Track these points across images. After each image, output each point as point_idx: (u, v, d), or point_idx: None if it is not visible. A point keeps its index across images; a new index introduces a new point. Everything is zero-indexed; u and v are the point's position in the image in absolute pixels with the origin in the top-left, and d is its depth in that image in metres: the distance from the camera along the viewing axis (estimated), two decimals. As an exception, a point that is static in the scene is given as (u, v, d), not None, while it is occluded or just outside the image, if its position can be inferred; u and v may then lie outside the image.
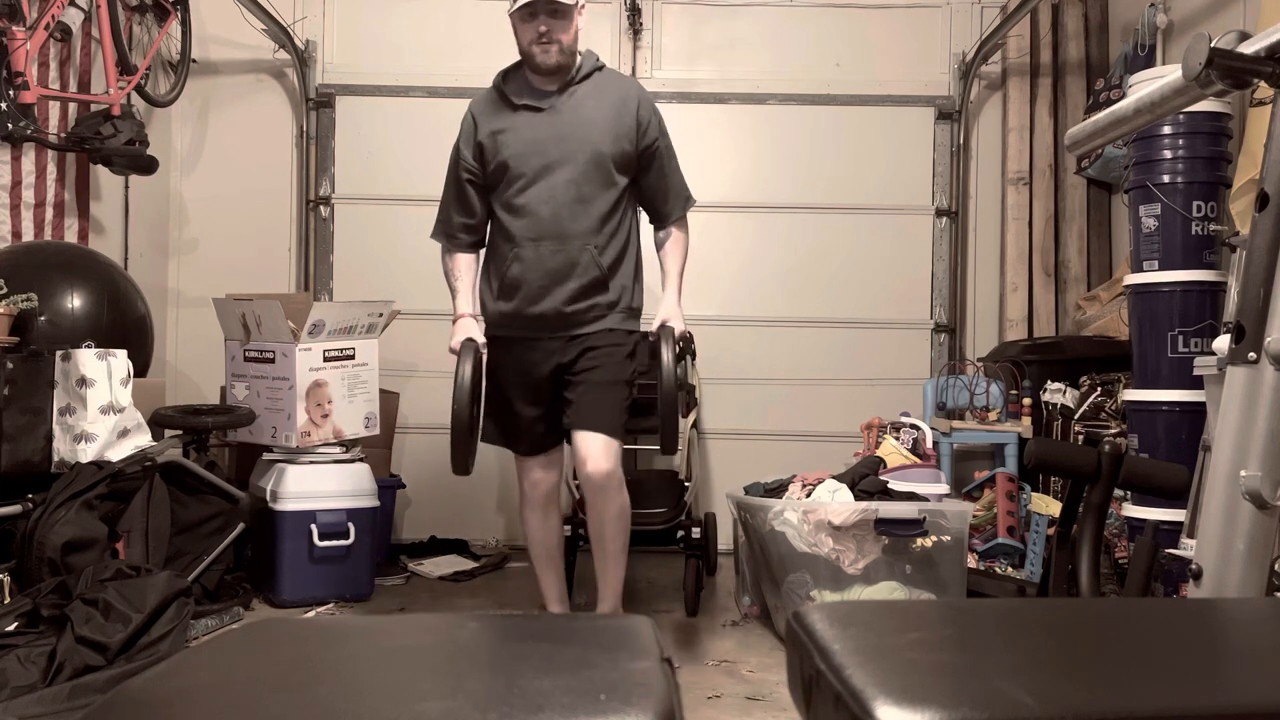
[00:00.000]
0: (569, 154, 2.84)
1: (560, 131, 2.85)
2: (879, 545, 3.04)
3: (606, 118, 2.87)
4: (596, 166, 2.85)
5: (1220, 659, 0.88)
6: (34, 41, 3.36)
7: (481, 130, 2.92)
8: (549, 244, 2.83)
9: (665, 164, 2.98)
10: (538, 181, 2.84)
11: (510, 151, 2.86)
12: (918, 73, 4.83)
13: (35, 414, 3.09)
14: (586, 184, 2.84)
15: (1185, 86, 1.36)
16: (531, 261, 2.84)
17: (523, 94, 2.90)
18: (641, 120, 2.91)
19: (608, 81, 2.96)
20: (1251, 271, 1.29)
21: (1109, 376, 3.81)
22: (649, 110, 2.94)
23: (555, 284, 2.84)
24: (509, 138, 2.88)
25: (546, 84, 2.90)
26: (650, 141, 2.93)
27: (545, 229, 2.83)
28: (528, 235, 2.85)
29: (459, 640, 0.97)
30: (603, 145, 2.85)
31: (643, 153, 2.93)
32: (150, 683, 0.87)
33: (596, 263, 2.85)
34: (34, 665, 2.49)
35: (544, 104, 2.88)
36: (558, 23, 2.80)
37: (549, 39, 2.80)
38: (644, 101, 2.94)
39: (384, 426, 4.12)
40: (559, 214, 2.83)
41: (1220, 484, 1.30)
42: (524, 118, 2.89)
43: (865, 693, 0.73)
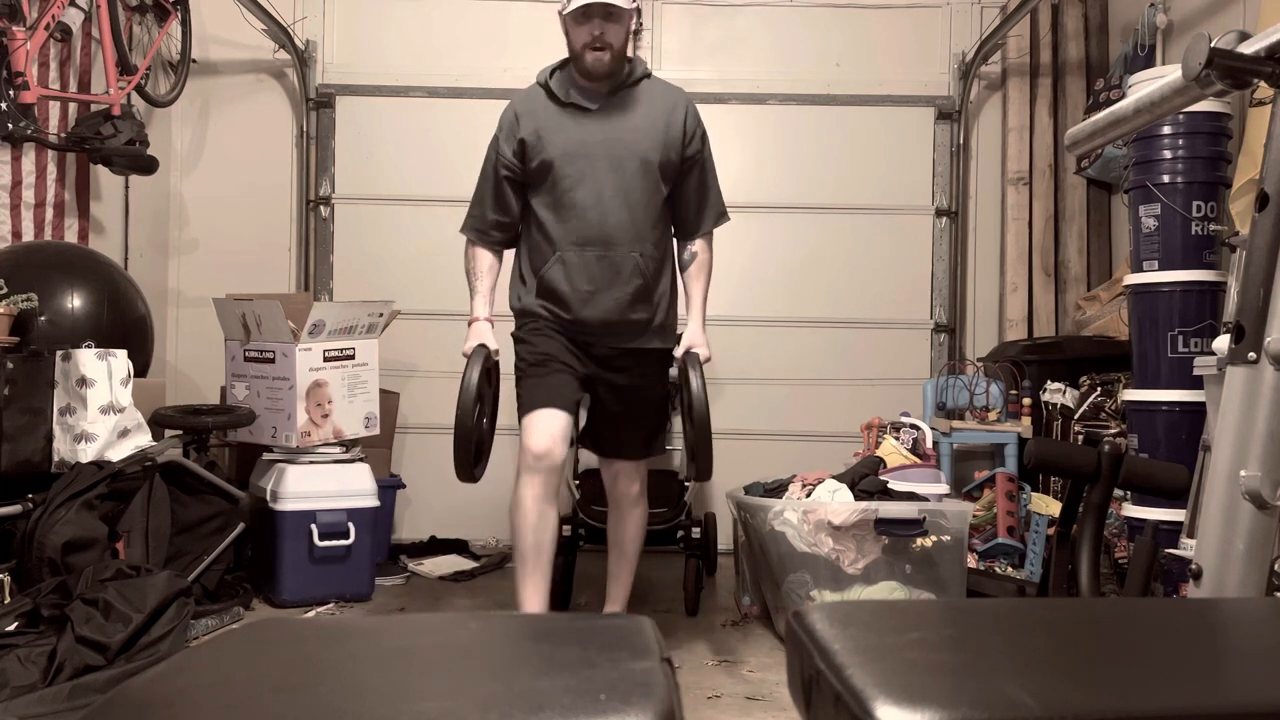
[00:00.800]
0: (617, 158, 2.78)
1: (608, 135, 2.80)
2: (879, 545, 3.04)
3: (655, 125, 2.83)
4: (644, 173, 2.79)
5: (1220, 659, 0.88)
6: (34, 41, 3.36)
7: (524, 126, 2.83)
8: (594, 249, 2.77)
9: (706, 176, 2.93)
10: (583, 183, 2.77)
11: (556, 150, 2.79)
12: (918, 73, 4.83)
13: (35, 414, 3.09)
14: (634, 190, 2.79)
15: (1185, 86, 1.36)
16: (576, 266, 2.78)
17: (570, 94, 2.84)
18: (688, 130, 2.86)
19: (656, 89, 2.91)
20: (1251, 271, 1.29)
21: (1109, 376, 3.81)
22: (695, 120, 2.90)
23: (599, 290, 2.79)
24: (555, 136, 2.80)
25: (595, 86, 2.84)
26: (695, 151, 2.88)
27: (591, 233, 2.77)
28: (571, 239, 2.78)
29: (459, 640, 0.97)
30: (651, 152, 2.80)
31: (685, 160, 2.87)
32: (150, 683, 0.87)
33: (641, 270, 2.80)
34: (34, 665, 2.49)
35: (593, 104, 2.82)
36: (612, 27, 2.73)
37: (602, 43, 2.73)
38: (691, 111, 2.90)
39: (384, 426, 4.12)
40: (605, 219, 2.77)
41: (1220, 484, 1.30)
42: (571, 117, 2.82)
43: (865, 693, 0.73)
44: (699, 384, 2.69)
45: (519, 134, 2.83)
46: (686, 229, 2.96)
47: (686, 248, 2.97)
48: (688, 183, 2.90)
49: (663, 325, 2.91)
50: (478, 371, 2.67)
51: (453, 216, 3.48)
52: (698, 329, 2.91)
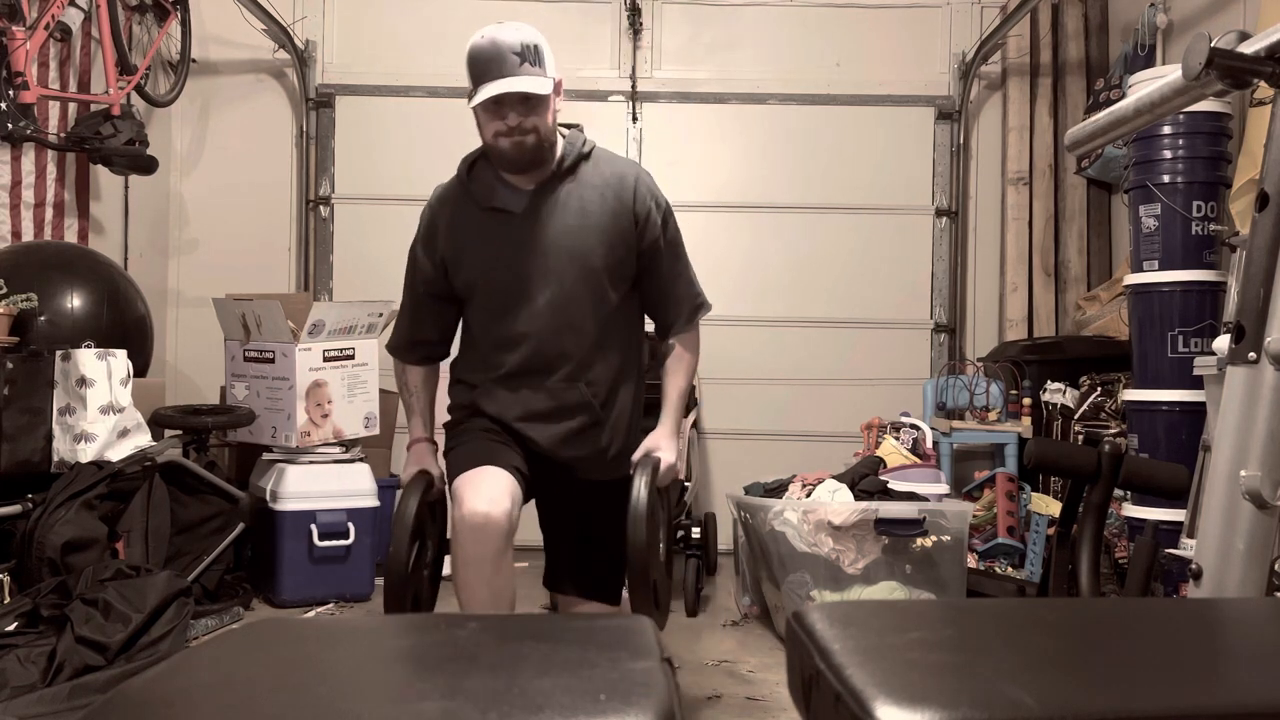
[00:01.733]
0: (552, 271, 2.26)
1: (540, 243, 2.27)
2: (879, 545, 3.04)
3: (598, 220, 2.28)
4: (586, 284, 2.28)
5: (1220, 659, 0.88)
6: (34, 41, 3.36)
7: (443, 239, 2.35)
8: (530, 382, 2.29)
9: (670, 265, 2.38)
10: (514, 309, 2.29)
11: (477, 270, 2.31)
12: (917, 73, 4.83)
13: (35, 414, 3.09)
14: (574, 306, 2.27)
15: (1185, 86, 1.36)
16: (508, 402, 2.31)
17: (492, 194, 2.30)
18: (639, 214, 2.30)
19: (598, 170, 2.33)
20: (1251, 271, 1.29)
21: (1109, 376, 3.81)
22: (649, 200, 2.32)
23: (540, 421, 2.30)
24: (477, 252, 2.32)
25: (521, 181, 2.29)
26: (653, 239, 2.32)
27: (525, 367, 2.29)
28: (502, 371, 2.31)
29: (459, 640, 0.97)
30: (593, 257, 2.27)
31: (643, 253, 2.33)
32: (150, 683, 0.87)
33: (586, 402, 2.30)
34: (34, 665, 2.49)
35: (517, 206, 2.29)
36: (531, 109, 2.18)
37: (520, 130, 2.18)
38: (642, 190, 2.32)
39: (384, 426, 4.12)
40: (542, 350, 2.28)
41: (1220, 484, 1.30)
42: (494, 225, 2.30)
43: (865, 693, 0.73)
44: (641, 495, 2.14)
45: (438, 248, 2.37)
46: (661, 328, 2.45)
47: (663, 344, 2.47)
48: (653, 276, 2.37)
49: (620, 455, 2.35)
50: (415, 503, 2.17)
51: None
52: (666, 430, 2.35)
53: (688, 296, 2.41)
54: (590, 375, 2.31)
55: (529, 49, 2.16)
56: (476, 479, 2.18)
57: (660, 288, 2.39)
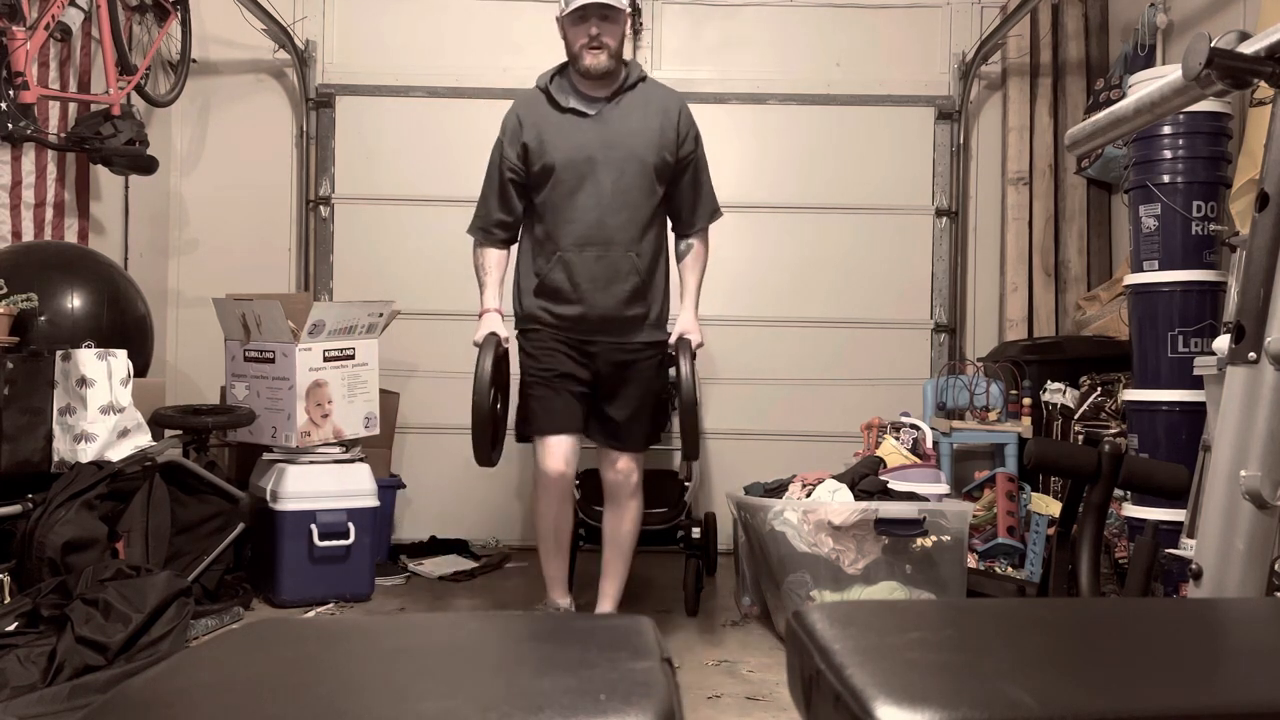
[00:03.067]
0: (615, 161, 2.90)
1: (607, 139, 2.92)
2: (879, 545, 3.04)
3: (651, 128, 2.95)
4: (641, 175, 2.92)
5: (1220, 659, 0.88)
6: (34, 41, 3.36)
7: (527, 131, 2.96)
8: (594, 250, 2.91)
9: (699, 175, 3.07)
10: (584, 186, 2.90)
11: (557, 155, 2.92)
12: (918, 73, 4.83)
13: (35, 414, 3.09)
14: (632, 191, 2.92)
15: (1185, 86, 1.36)
16: (576, 266, 2.91)
17: (569, 98, 2.96)
18: (682, 131, 3.00)
19: (652, 92, 3.03)
20: (1251, 271, 1.29)
21: (1109, 376, 3.81)
22: (689, 122, 3.03)
23: (600, 289, 2.92)
24: (556, 141, 2.93)
25: (594, 90, 2.96)
26: (689, 152, 3.02)
27: (591, 235, 2.90)
28: (572, 240, 2.91)
29: (459, 640, 0.97)
30: (647, 155, 2.93)
31: (680, 161, 3.01)
32: (150, 683, 0.87)
33: (637, 269, 2.94)
34: (34, 665, 2.49)
35: (591, 109, 2.94)
36: (608, 26, 2.86)
37: (599, 43, 2.85)
38: (685, 113, 3.03)
39: (384, 426, 4.12)
40: (604, 220, 2.90)
41: (1220, 484, 1.29)
42: (571, 122, 2.94)
43: (865, 693, 0.73)
44: (689, 369, 2.87)
45: (522, 138, 2.96)
46: (682, 226, 3.11)
47: (682, 241, 3.13)
48: (682, 182, 3.04)
49: (658, 320, 3.04)
50: (490, 359, 2.80)
51: (453, 216, 3.49)
52: (690, 317, 3.05)
53: (709, 200, 3.12)
54: (639, 248, 2.94)
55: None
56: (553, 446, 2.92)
57: (690, 190, 3.06)
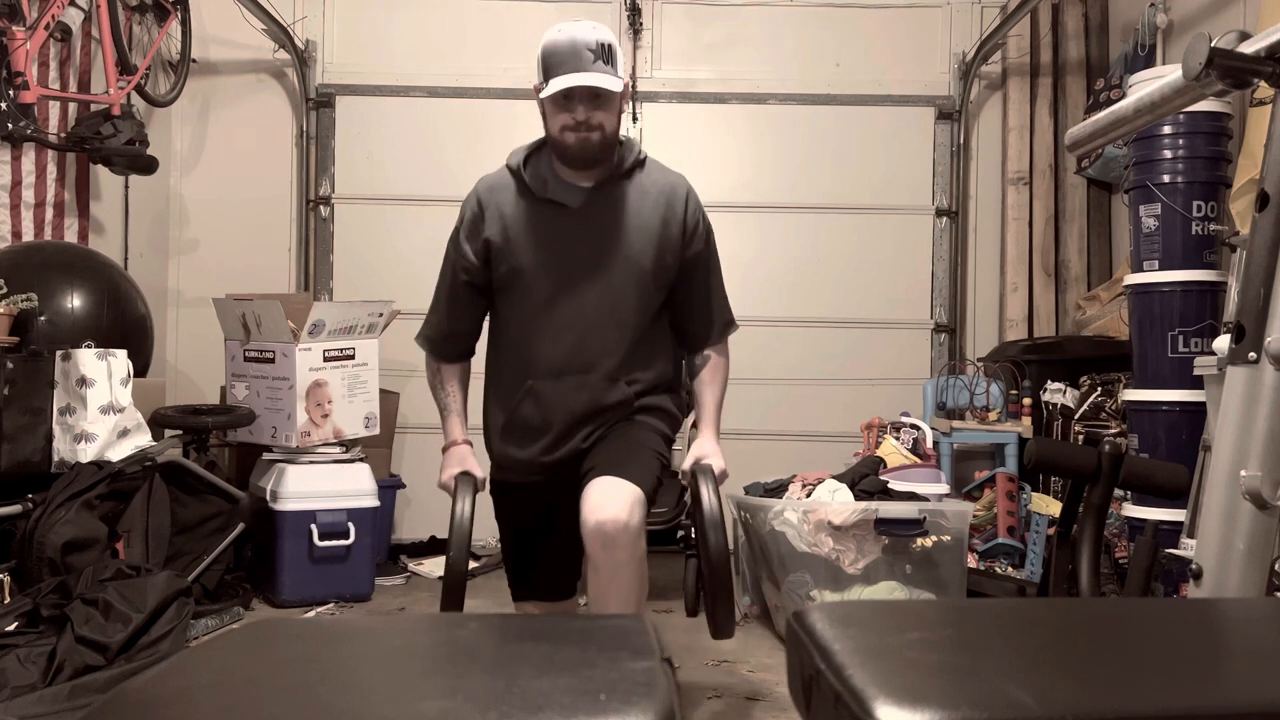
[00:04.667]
0: (603, 268, 2.29)
1: (593, 238, 2.30)
2: (879, 545, 3.04)
3: (649, 224, 2.32)
4: (634, 284, 2.31)
5: (1220, 659, 0.88)
6: (34, 41, 3.36)
7: (490, 224, 2.33)
8: (571, 380, 2.29)
9: (710, 278, 2.42)
10: (560, 299, 2.29)
11: (527, 258, 2.30)
12: (918, 73, 4.83)
13: (35, 414, 3.09)
14: (621, 305, 2.30)
15: (1185, 86, 1.36)
16: (550, 400, 2.30)
17: (548, 187, 2.32)
18: (689, 226, 2.36)
19: (650, 178, 2.38)
20: (1251, 271, 1.29)
21: (1109, 376, 3.81)
22: (697, 214, 2.39)
23: (578, 425, 2.31)
24: (527, 240, 2.31)
25: (579, 177, 2.31)
26: (698, 250, 2.38)
27: (569, 360, 2.29)
28: (544, 367, 2.30)
29: (459, 640, 0.97)
30: (644, 259, 2.30)
31: (685, 263, 2.37)
32: (150, 683, 0.87)
33: (625, 398, 2.32)
34: (34, 665, 2.49)
35: (574, 200, 2.31)
36: (600, 106, 2.21)
37: (588, 126, 2.21)
38: (693, 203, 2.39)
39: (384, 426, 4.12)
40: (586, 343, 2.29)
41: (1220, 484, 1.29)
42: (548, 216, 2.31)
43: (865, 693, 0.73)
44: (714, 502, 2.15)
45: (484, 233, 2.34)
46: (693, 341, 2.46)
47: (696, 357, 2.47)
48: (691, 288, 2.40)
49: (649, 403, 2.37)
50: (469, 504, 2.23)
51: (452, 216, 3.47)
52: (710, 438, 2.38)
53: (722, 311, 2.45)
54: (632, 375, 2.32)
55: (604, 48, 2.20)
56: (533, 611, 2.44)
57: (699, 299, 2.42)
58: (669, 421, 2.41)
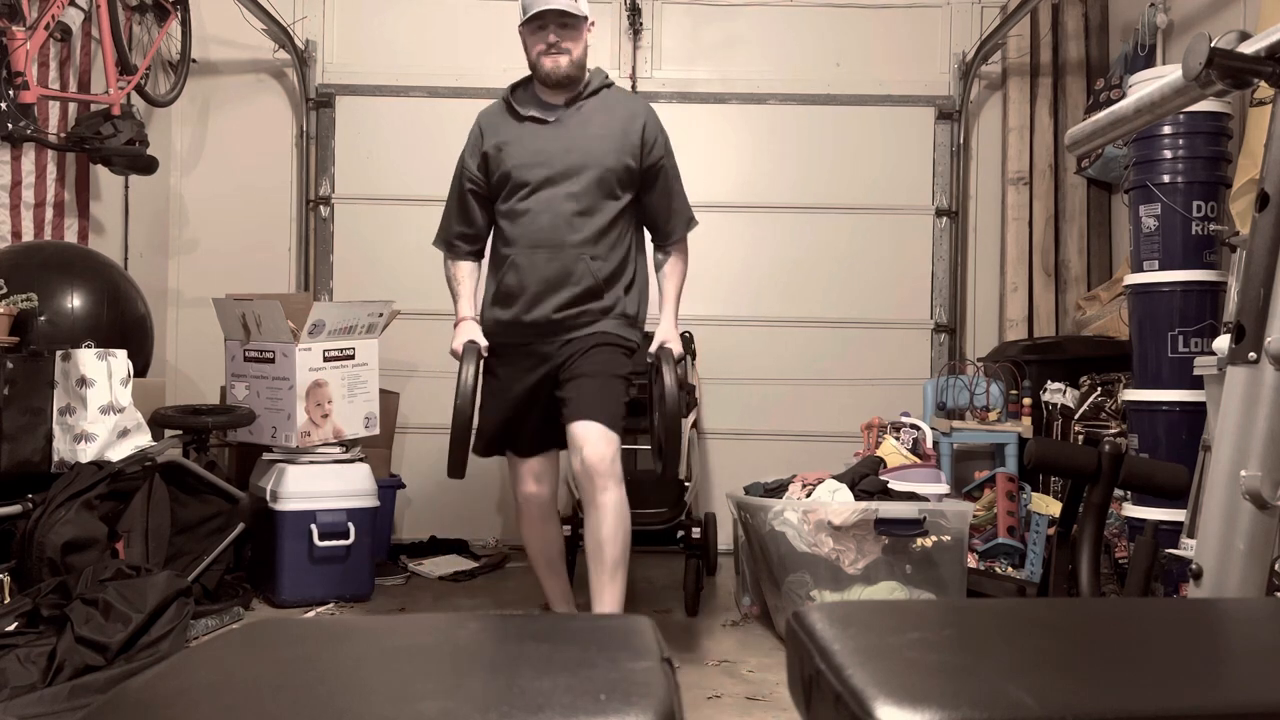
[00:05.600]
0: (572, 167, 2.86)
1: (565, 144, 2.88)
2: (879, 545, 3.04)
3: (612, 133, 2.90)
4: (599, 181, 2.86)
5: (1220, 659, 0.88)
6: (34, 41, 3.36)
7: (487, 141, 2.94)
8: (545, 252, 2.85)
9: (669, 184, 3.00)
10: (539, 191, 2.86)
11: (514, 162, 2.89)
12: (918, 73, 4.83)
13: (35, 414, 3.09)
14: (587, 196, 2.86)
15: (1185, 86, 1.36)
16: (526, 268, 2.86)
17: (529, 106, 2.93)
18: (647, 139, 2.92)
19: (615, 98, 2.99)
20: (1251, 271, 1.29)
21: (1109, 376, 3.81)
22: (655, 129, 2.96)
23: (550, 291, 2.85)
24: (513, 149, 2.90)
25: (554, 97, 2.93)
26: (655, 160, 2.94)
27: (543, 237, 2.85)
28: (524, 242, 2.87)
29: (459, 640, 0.97)
30: (606, 160, 2.87)
31: (647, 170, 2.94)
32: (150, 683, 0.86)
33: (591, 272, 2.86)
34: (34, 665, 2.49)
35: (550, 116, 2.91)
36: (567, 34, 2.84)
37: (558, 49, 2.84)
38: (650, 120, 2.96)
39: (384, 426, 4.12)
40: (557, 224, 2.85)
41: (1220, 484, 1.29)
42: (529, 129, 2.91)
43: (865, 693, 0.73)
44: (671, 380, 2.74)
45: (482, 148, 2.94)
46: (659, 236, 3.05)
47: (659, 253, 3.07)
48: (653, 191, 2.97)
49: (622, 314, 2.92)
50: (474, 368, 2.76)
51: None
52: (669, 326, 2.97)
53: (683, 209, 3.05)
54: (595, 251, 2.86)
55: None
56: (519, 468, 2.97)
57: (662, 201, 2.99)
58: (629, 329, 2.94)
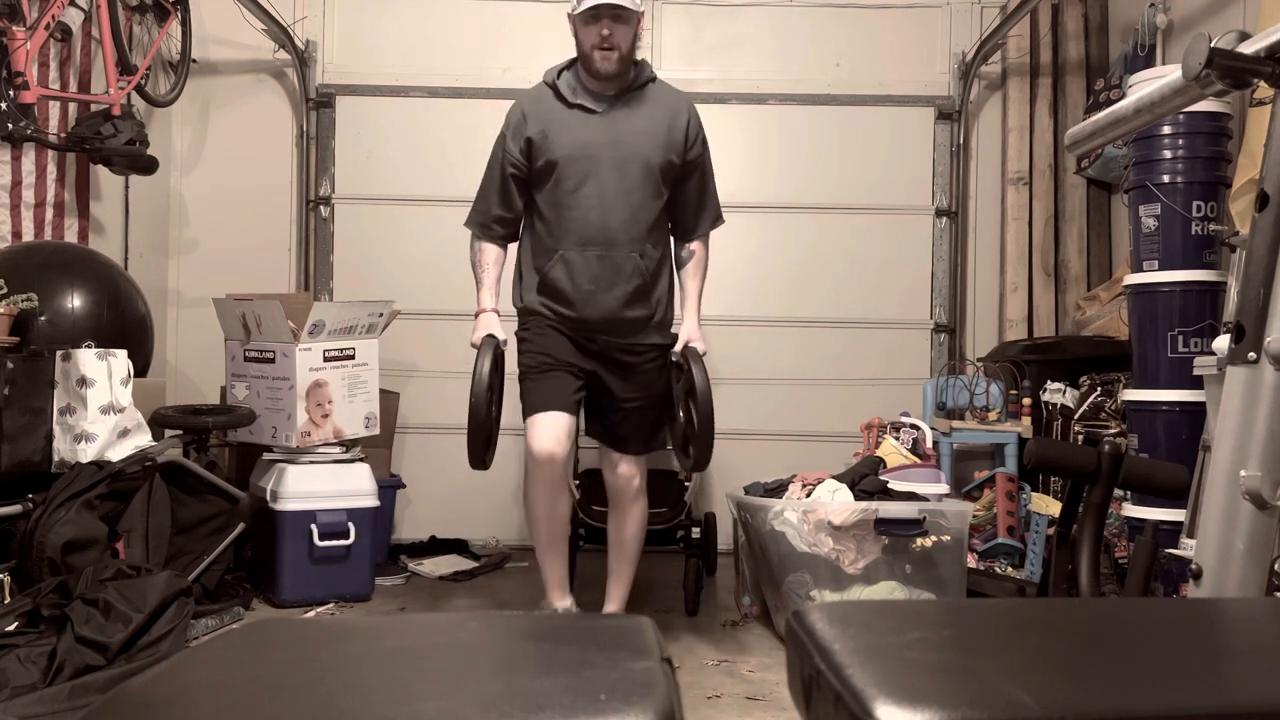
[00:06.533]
0: (620, 160, 2.85)
1: (613, 137, 2.87)
2: (879, 545, 3.04)
3: (658, 128, 2.90)
4: (646, 176, 2.87)
5: (1220, 659, 0.88)
6: (34, 41, 3.36)
7: (531, 125, 2.90)
8: (595, 249, 2.85)
9: (705, 180, 3.02)
10: (587, 184, 2.85)
11: (561, 151, 2.87)
12: (918, 73, 4.83)
13: (35, 414, 3.09)
14: (636, 192, 2.86)
15: (1185, 86, 1.36)
16: (578, 266, 2.86)
17: (577, 94, 2.91)
18: (690, 134, 2.95)
19: (660, 93, 2.99)
20: (1251, 271, 1.29)
21: (1109, 376, 3.81)
22: (697, 125, 2.98)
23: (601, 290, 2.87)
24: (561, 137, 2.88)
25: (604, 88, 2.91)
26: (696, 155, 2.97)
27: (593, 234, 2.85)
28: (574, 239, 2.86)
29: (459, 640, 0.97)
30: (653, 156, 2.87)
31: (686, 164, 2.95)
32: (150, 683, 0.86)
33: (640, 270, 2.88)
34: (34, 665, 2.49)
35: (598, 106, 2.90)
36: (620, 28, 2.82)
37: (610, 44, 2.82)
38: (694, 116, 2.98)
39: (384, 426, 4.12)
40: (608, 220, 2.84)
41: (1220, 484, 1.29)
42: (577, 118, 2.89)
43: (865, 693, 0.73)
44: (703, 376, 2.78)
45: (526, 132, 2.90)
46: (684, 230, 3.04)
47: (684, 247, 3.07)
48: (687, 186, 2.98)
49: (661, 321, 3.00)
50: (489, 362, 2.75)
51: (452, 216, 3.47)
52: (694, 324, 2.98)
53: (713, 207, 3.05)
54: (644, 249, 2.88)
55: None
56: (544, 424, 2.81)
57: (696, 195, 2.99)
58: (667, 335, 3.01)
